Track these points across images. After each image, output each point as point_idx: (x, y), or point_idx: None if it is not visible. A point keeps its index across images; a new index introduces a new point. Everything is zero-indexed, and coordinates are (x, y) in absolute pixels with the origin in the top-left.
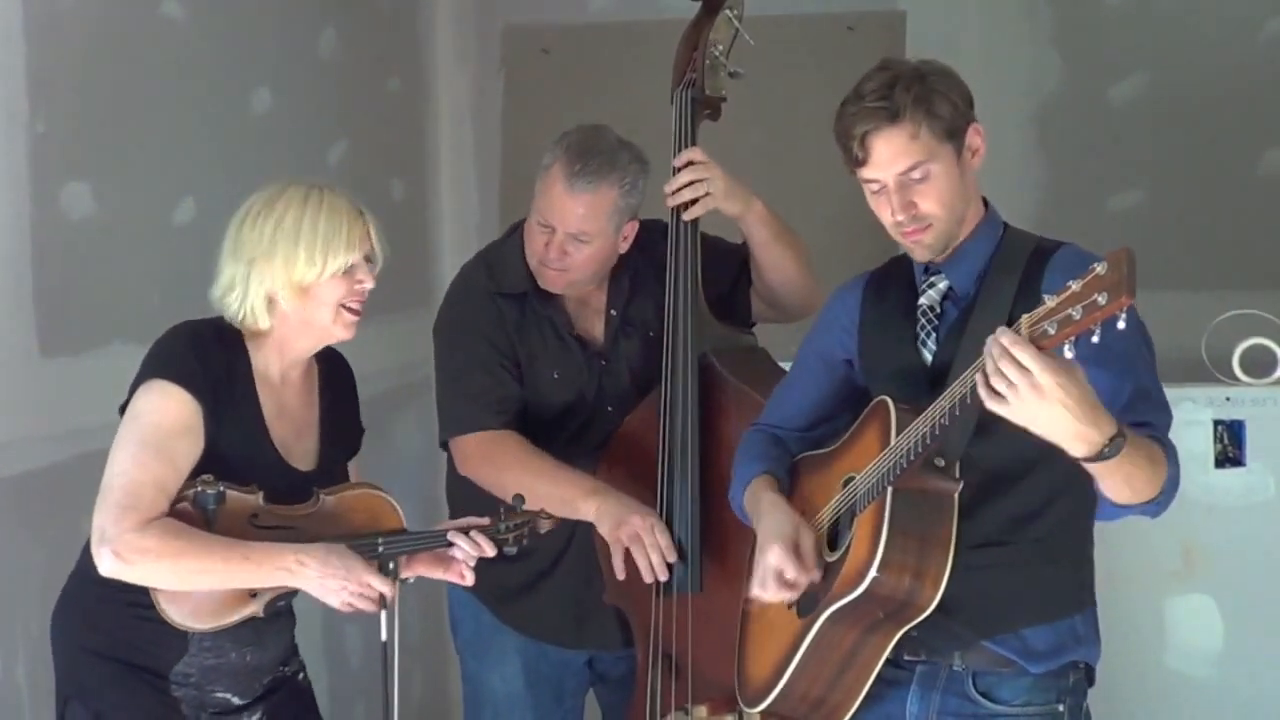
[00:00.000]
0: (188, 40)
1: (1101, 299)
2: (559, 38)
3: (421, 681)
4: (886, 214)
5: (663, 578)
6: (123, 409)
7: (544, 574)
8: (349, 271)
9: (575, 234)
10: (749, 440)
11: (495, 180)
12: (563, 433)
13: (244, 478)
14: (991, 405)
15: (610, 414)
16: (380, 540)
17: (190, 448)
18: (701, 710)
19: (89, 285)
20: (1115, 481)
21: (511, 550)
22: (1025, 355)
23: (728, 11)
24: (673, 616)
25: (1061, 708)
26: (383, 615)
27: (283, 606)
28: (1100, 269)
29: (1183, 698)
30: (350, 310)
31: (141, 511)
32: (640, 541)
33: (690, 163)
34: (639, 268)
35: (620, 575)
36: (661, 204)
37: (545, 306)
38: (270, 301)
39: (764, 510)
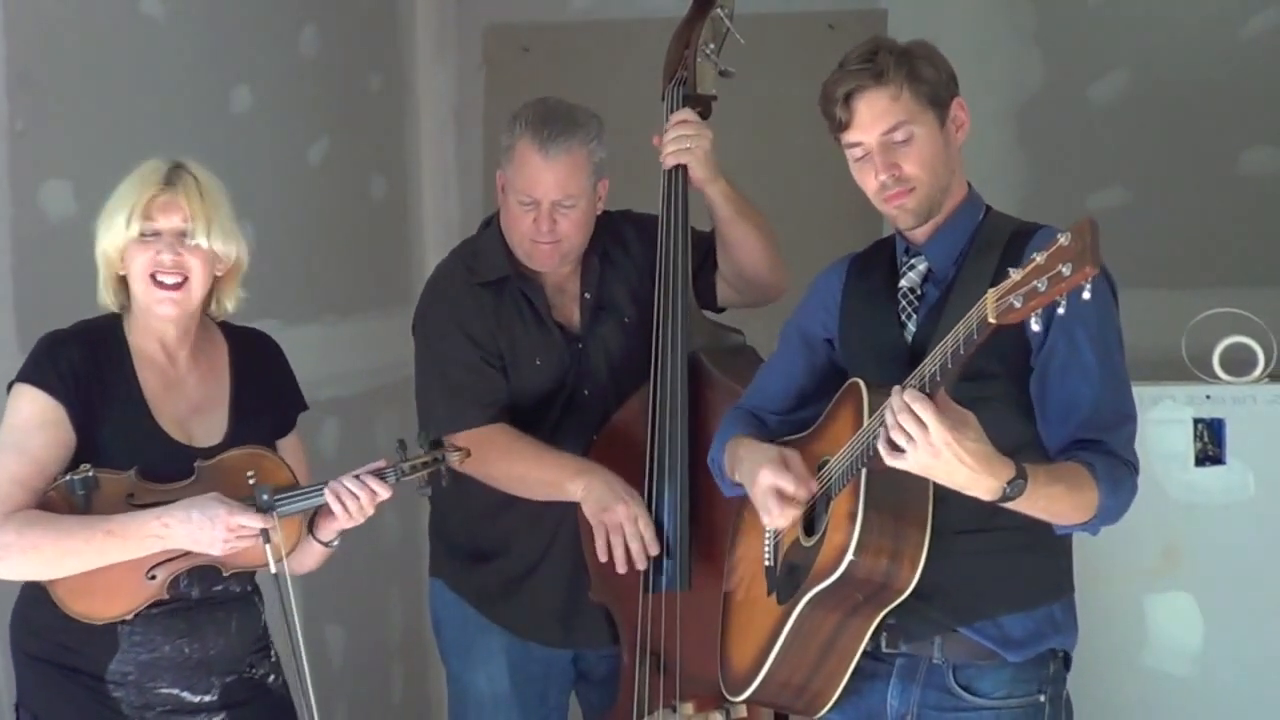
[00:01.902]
0: (168, 38)
1: (1065, 269)
2: (540, 36)
3: (402, 681)
4: (870, 178)
5: (639, 567)
6: None
7: (528, 572)
8: (147, 239)
9: (560, 200)
10: (729, 417)
11: (476, 178)
12: (544, 420)
13: (129, 460)
14: (890, 460)
15: (587, 398)
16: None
17: (50, 439)
18: (688, 707)
19: (68, 284)
20: (1034, 512)
21: (426, 491)
22: (924, 411)
23: (719, 10)
24: (660, 614)
25: (1043, 698)
26: (268, 549)
27: (221, 592)
28: (1064, 239)
29: (1162, 696)
30: (159, 284)
31: None
32: (621, 530)
33: (684, 121)
34: (606, 248)
35: (602, 558)
36: (634, 195)
37: (526, 290)
38: (119, 280)
39: (742, 454)
